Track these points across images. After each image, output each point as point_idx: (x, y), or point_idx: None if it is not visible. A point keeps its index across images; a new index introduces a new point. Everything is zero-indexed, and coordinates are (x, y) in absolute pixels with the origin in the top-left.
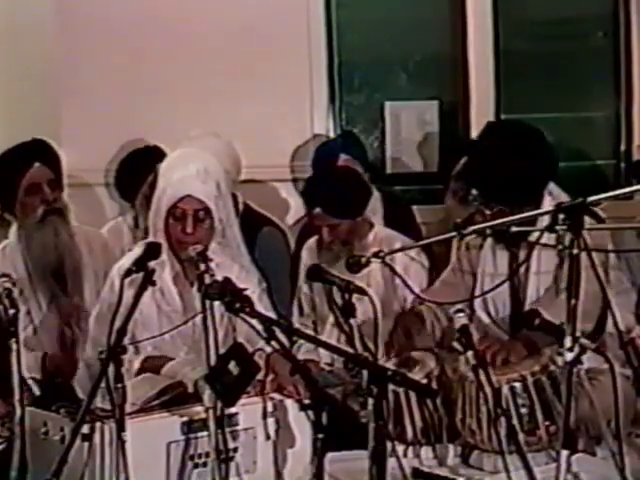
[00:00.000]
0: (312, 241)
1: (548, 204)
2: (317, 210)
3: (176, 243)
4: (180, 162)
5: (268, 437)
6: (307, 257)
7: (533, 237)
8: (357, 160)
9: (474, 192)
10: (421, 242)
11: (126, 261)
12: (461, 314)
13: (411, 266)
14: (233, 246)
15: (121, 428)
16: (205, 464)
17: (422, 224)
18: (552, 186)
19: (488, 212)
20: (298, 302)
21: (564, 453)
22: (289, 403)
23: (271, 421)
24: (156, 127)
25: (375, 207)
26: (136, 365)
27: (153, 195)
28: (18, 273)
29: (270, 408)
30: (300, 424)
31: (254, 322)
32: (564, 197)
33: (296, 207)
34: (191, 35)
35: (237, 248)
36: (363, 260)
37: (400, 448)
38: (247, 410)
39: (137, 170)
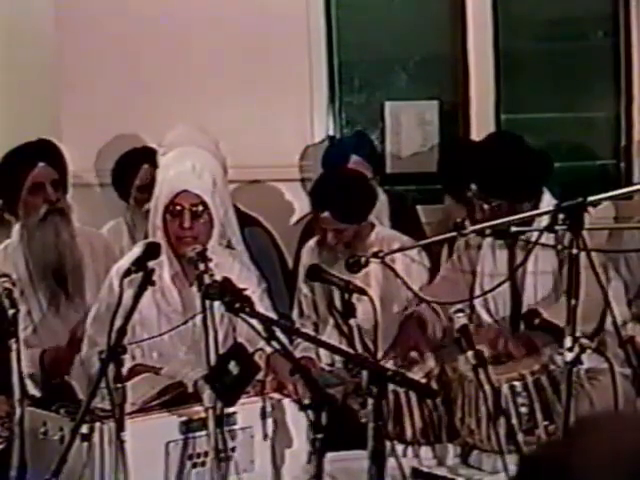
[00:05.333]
0: (312, 242)
1: (547, 202)
2: (325, 214)
3: (175, 240)
4: (176, 160)
5: (266, 437)
6: (307, 258)
7: (530, 236)
8: (368, 162)
9: (473, 187)
10: (421, 242)
11: (125, 261)
12: (461, 314)
13: (412, 266)
14: (233, 244)
15: (120, 428)
16: (204, 463)
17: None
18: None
19: (487, 207)
20: (298, 303)
21: None
22: (286, 403)
23: (269, 421)
24: (156, 128)
25: (381, 209)
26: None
27: (140, 197)
28: (19, 272)
29: (268, 408)
30: (297, 424)
31: (254, 322)
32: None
33: (297, 207)
34: (191, 36)
35: (237, 246)
36: (363, 260)
37: (399, 448)
38: (244, 409)
39: (130, 171)
